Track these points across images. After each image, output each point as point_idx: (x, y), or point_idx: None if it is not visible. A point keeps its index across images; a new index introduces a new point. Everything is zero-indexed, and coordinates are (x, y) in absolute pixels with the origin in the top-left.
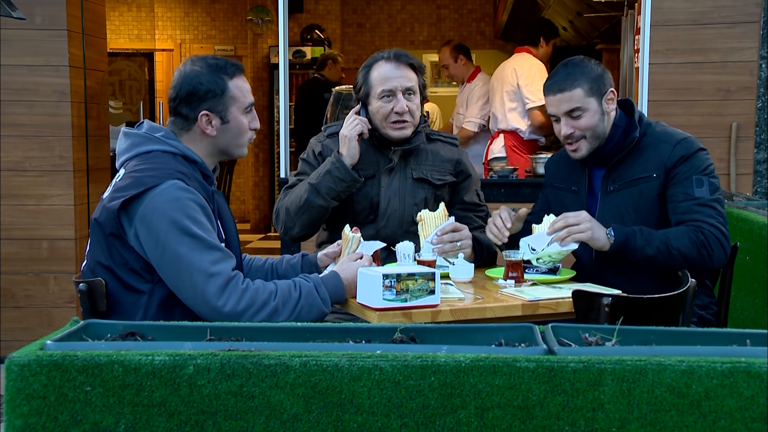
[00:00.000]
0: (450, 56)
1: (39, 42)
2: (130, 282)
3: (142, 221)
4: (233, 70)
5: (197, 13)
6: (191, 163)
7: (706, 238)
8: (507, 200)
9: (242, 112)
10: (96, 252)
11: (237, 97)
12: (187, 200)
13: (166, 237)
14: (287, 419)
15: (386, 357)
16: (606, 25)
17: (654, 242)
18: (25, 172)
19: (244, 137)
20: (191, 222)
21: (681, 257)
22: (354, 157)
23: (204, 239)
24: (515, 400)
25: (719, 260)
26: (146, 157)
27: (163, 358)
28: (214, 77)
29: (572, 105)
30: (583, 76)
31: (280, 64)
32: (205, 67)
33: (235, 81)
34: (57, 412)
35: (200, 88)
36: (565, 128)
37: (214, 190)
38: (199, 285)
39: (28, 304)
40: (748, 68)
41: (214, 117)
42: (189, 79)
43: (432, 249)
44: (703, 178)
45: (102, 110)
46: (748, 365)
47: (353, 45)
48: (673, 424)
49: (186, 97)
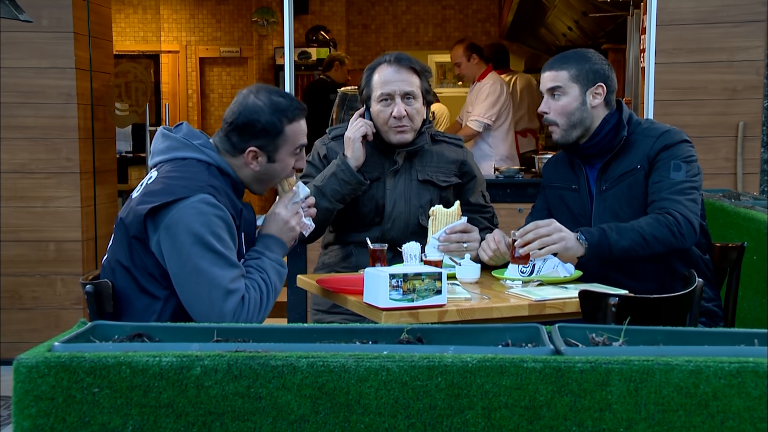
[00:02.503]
0: (463, 54)
1: (45, 44)
2: (147, 286)
3: (167, 230)
4: (294, 114)
5: (202, 14)
6: (224, 176)
7: (675, 218)
8: (513, 200)
9: (291, 154)
10: (117, 251)
11: (290, 141)
12: (214, 216)
13: (190, 250)
14: (294, 420)
15: (393, 358)
16: (611, 24)
17: (627, 234)
18: (32, 174)
19: (280, 177)
20: (215, 238)
21: (655, 241)
22: (359, 160)
23: (226, 256)
24: (522, 400)
25: (690, 238)
26: (181, 164)
27: (170, 359)
28: (273, 118)
29: (554, 83)
30: (577, 62)
31: (285, 66)
32: (268, 104)
33: (294, 125)
34: (65, 413)
35: (257, 125)
36: (543, 106)
37: (242, 205)
38: (216, 301)
39: (35, 306)
40: (754, 67)
41: (262, 155)
42: (248, 112)
43: (437, 246)
44: (682, 163)
45: (108, 112)
46: (756, 365)
47: (358, 46)
48: (681, 424)
49: (240, 127)
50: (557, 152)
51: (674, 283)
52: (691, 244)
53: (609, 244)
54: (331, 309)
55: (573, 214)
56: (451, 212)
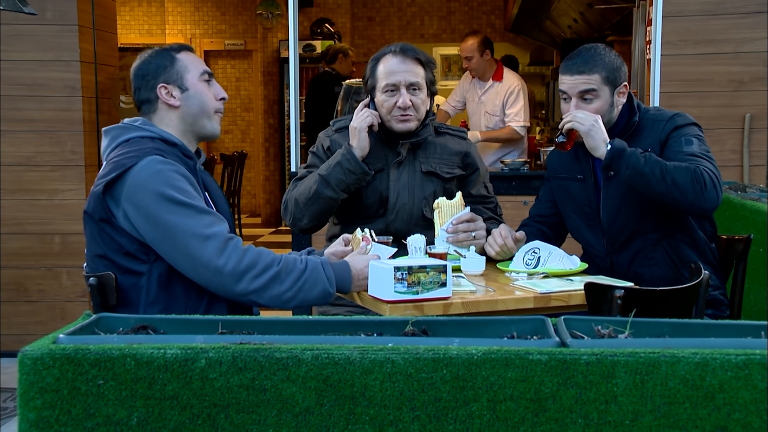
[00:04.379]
0: (477, 49)
1: (50, 37)
2: (128, 265)
3: (129, 200)
4: (178, 47)
5: (207, 7)
6: (171, 145)
7: (702, 176)
8: (518, 193)
9: (199, 79)
10: (91, 245)
11: (188, 66)
12: (169, 171)
13: (156, 210)
14: (299, 412)
15: (398, 350)
16: (617, 16)
17: (651, 163)
18: (37, 167)
19: (209, 106)
20: (177, 191)
21: (674, 186)
22: (364, 149)
23: (193, 205)
24: (528, 392)
25: (711, 200)
26: (125, 144)
27: (175, 351)
28: (160, 55)
29: (589, 86)
30: (605, 64)
31: (290, 58)
32: (151, 52)
33: (183, 54)
34: (70, 405)
35: (150, 67)
36: (572, 110)
37: (198, 167)
38: (196, 249)
39: (41, 299)
40: (760, 59)
41: (173, 87)
42: (138, 67)
43: (446, 237)
44: (692, 138)
45: (113, 105)
46: (762, 357)
47: (363, 38)
48: (687, 416)
49: (142, 82)
50: None
51: (682, 270)
52: (707, 208)
53: (629, 160)
54: (336, 301)
55: (578, 204)
56: (455, 203)
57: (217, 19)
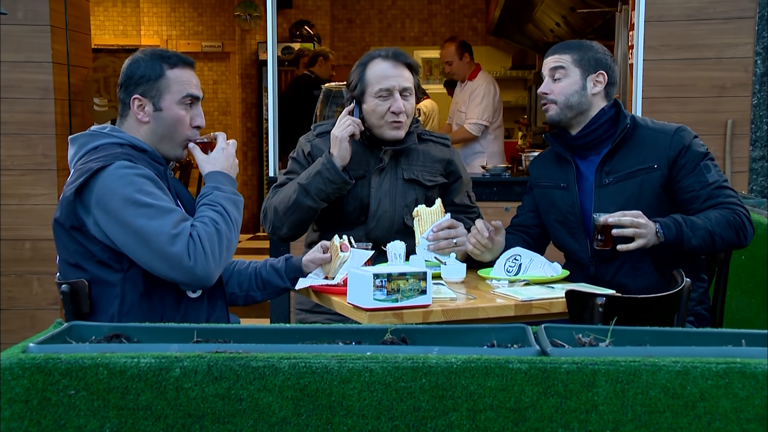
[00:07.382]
0: (456, 53)
1: (21, 38)
2: (100, 274)
3: (98, 206)
4: (176, 60)
5: (184, 8)
6: (141, 151)
7: (740, 219)
8: (500, 199)
9: (178, 102)
10: (62, 253)
11: (172, 85)
12: (135, 176)
13: (123, 214)
14: (276, 422)
15: (377, 359)
16: (599, 20)
17: (699, 232)
18: (8, 171)
19: (177, 134)
20: (143, 194)
21: (721, 242)
22: (345, 159)
23: (159, 206)
24: (508, 401)
25: (750, 237)
26: (94, 151)
27: (148, 360)
28: (152, 63)
29: (558, 64)
30: (580, 50)
31: (268, 61)
32: (149, 54)
33: (177, 71)
34: (40, 416)
35: (136, 73)
36: (543, 87)
37: (169, 173)
38: (165, 249)
39: (10, 306)
40: (743, 64)
41: (147, 103)
42: (128, 66)
43: (428, 245)
44: (708, 163)
45: (86, 108)
46: (743, 366)
47: (343, 41)
48: (668, 425)
49: (124, 83)
50: (544, 150)
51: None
52: (747, 244)
53: (683, 241)
54: (315, 309)
55: (562, 212)
56: (434, 210)
57: (194, 20)
